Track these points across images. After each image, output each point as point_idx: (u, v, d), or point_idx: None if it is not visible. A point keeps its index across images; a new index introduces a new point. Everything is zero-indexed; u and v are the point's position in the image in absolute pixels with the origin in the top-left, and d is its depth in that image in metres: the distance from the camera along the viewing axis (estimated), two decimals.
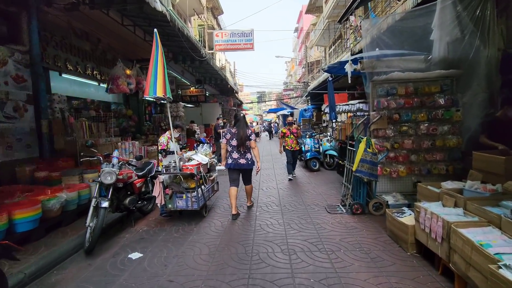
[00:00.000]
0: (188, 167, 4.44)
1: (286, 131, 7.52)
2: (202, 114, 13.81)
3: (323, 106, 10.07)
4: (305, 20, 35.99)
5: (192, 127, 10.29)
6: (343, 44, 17.79)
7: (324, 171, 8.44)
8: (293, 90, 38.67)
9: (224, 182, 7.32)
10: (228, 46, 16.13)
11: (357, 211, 4.60)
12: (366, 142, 4.46)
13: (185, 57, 9.69)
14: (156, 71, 3.93)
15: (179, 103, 9.60)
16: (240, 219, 4.65)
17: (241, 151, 4.70)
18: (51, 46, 5.94)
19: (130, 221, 4.57)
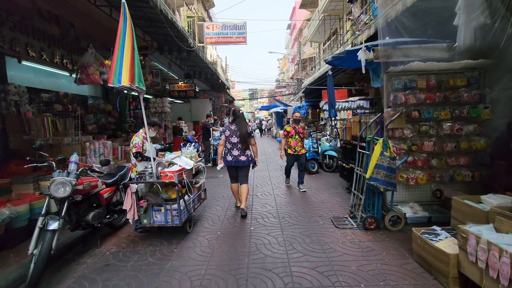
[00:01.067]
0: (167, 173, 3.57)
1: (291, 130, 5.95)
2: (191, 111, 12.87)
3: (321, 102, 9.31)
4: (298, 16, 35.23)
5: (179, 124, 9.36)
6: (339, 39, 17.09)
7: (324, 174, 7.68)
8: (286, 88, 37.94)
9: (213, 186, 6.49)
10: (219, 39, 15.15)
11: (371, 226, 3.84)
12: (383, 145, 3.69)
13: (171, 48, 8.75)
14: (122, 54, 3.04)
15: (165, 98, 8.68)
16: (231, 235, 3.83)
17: (242, 148, 4.53)
18: (6, 27, 4.94)
19: (96, 240, 3.68)
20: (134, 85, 3.12)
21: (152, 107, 8.58)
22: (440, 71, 4.11)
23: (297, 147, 5.95)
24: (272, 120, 22.96)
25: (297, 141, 5.95)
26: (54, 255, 3.11)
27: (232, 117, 4.87)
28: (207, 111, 12.83)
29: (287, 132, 6.05)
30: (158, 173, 3.60)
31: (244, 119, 4.82)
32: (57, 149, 4.66)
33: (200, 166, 4.54)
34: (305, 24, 30.82)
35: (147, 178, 3.63)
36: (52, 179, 2.96)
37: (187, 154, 4.42)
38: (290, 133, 6.00)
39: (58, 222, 2.84)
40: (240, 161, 4.54)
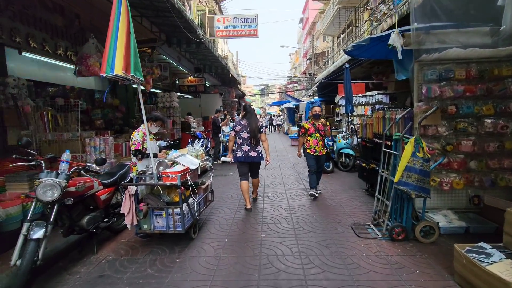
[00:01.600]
0: (169, 174, 3.19)
1: (310, 127, 5.09)
2: (201, 106, 12.52)
3: (337, 97, 8.75)
4: (311, 9, 34.28)
5: (188, 120, 9.01)
6: (354, 32, 16.31)
7: (339, 173, 7.17)
8: (297, 83, 37.17)
9: (222, 186, 6.10)
10: (230, 33, 14.66)
11: (399, 236, 3.34)
12: (415, 144, 3.17)
13: (180, 40, 8.38)
14: (116, 39, 2.64)
15: (173, 93, 8.32)
16: (240, 243, 3.42)
17: (252, 143, 4.50)
18: (5, 16, 4.66)
19: (92, 245, 3.35)
20: (129, 74, 2.73)
21: (160, 102, 8.26)
22: (482, 59, 3.54)
23: (318, 147, 5.06)
24: (284, 116, 22.40)
25: (318, 140, 5.07)
26: (45, 264, 2.80)
27: (243, 112, 4.83)
28: (217, 106, 12.46)
29: (305, 130, 5.16)
30: (159, 173, 3.22)
31: (255, 115, 4.80)
32: (56, 146, 4.37)
33: (207, 165, 4.15)
34: (318, 17, 29.90)
35: (147, 179, 3.25)
36: (39, 180, 2.62)
37: (193, 152, 4.02)
38: (309, 130, 5.09)
39: (45, 230, 2.50)
40: (250, 156, 4.50)
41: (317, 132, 5.08)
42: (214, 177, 7.07)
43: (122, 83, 2.95)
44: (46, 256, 3.05)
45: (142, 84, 7.21)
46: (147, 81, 6.99)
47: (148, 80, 6.99)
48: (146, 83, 6.99)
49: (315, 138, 5.09)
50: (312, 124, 5.15)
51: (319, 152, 5.09)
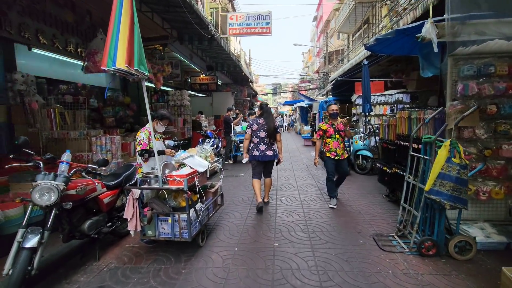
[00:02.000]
0: (175, 178, 2.93)
1: (328, 128, 4.60)
2: (213, 104, 12.32)
3: (353, 96, 8.32)
4: (325, 7, 33.59)
5: (199, 118, 8.80)
6: (370, 29, 15.71)
7: (357, 177, 6.76)
8: (310, 82, 36.56)
9: (233, 187, 5.81)
10: (243, 30, 14.39)
11: (429, 251, 2.97)
12: (451, 148, 2.79)
13: (191, 36, 8.17)
14: (118, 30, 2.40)
15: (184, 91, 8.13)
16: (251, 253, 3.14)
17: (269, 142, 4.49)
18: (14, 11, 4.54)
19: (95, 251, 3.15)
20: (133, 68, 2.48)
21: (171, 100, 8.08)
22: None
23: (339, 150, 4.56)
24: (296, 115, 21.98)
25: (338, 141, 4.57)
26: (45, 270, 2.61)
27: (259, 110, 4.77)
28: (229, 105, 12.23)
29: (323, 132, 4.65)
30: (164, 176, 2.97)
31: (272, 114, 4.75)
32: (62, 144, 4.21)
33: (216, 167, 3.88)
34: (332, 15, 29.21)
35: (152, 182, 3.01)
36: (35, 183, 2.42)
37: (202, 153, 3.76)
38: (328, 132, 4.59)
39: (39, 237, 2.30)
40: (267, 155, 4.49)
41: (337, 133, 4.58)
42: (225, 178, 6.82)
43: (127, 78, 2.71)
44: (47, 262, 2.88)
45: (153, 81, 7.07)
46: (158, 78, 6.81)
47: (158, 77, 6.81)
48: (157, 81, 6.81)
49: (335, 140, 4.58)
50: (331, 124, 4.65)
51: (340, 156, 4.58)
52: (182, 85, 11.87)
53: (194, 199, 3.20)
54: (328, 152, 4.64)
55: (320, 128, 4.75)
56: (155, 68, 6.65)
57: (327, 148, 4.65)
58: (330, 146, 4.61)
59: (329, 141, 4.62)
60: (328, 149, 4.62)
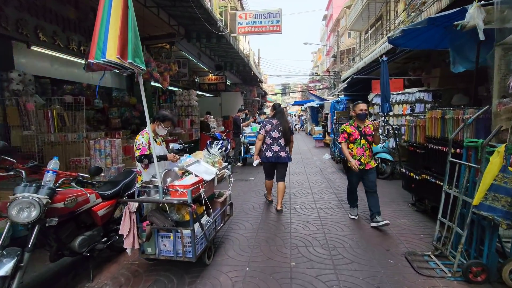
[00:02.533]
0: (177, 188, 2.53)
1: (353, 131, 3.83)
2: (222, 105, 11.96)
3: (370, 95, 7.79)
4: (335, 5, 32.89)
5: (207, 119, 8.43)
6: (384, 26, 15.06)
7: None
8: (320, 82, 35.88)
9: (243, 193, 5.36)
10: (252, 29, 13.97)
11: (477, 277, 2.47)
12: (506, 155, 2.29)
13: (199, 34, 7.81)
14: (108, 17, 2.01)
15: (192, 91, 7.77)
16: (265, 275, 2.70)
17: (282, 143, 4.35)
18: (11, 6, 4.26)
19: (88, 269, 2.77)
20: (126, 61, 2.09)
21: (178, 100, 7.74)
22: None
23: (364, 158, 3.78)
24: (307, 115, 21.42)
25: (364, 148, 3.79)
26: None
27: (272, 111, 4.64)
28: (238, 105, 11.85)
29: (347, 135, 3.87)
30: (165, 187, 2.58)
31: (285, 114, 4.63)
32: (59, 148, 3.88)
33: (225, 174, 3.47)
34: (343, 13, 28.51)
35: (152, 193, 2.62)
36: (13, 196, 2.05)
37: (209, 159, 3.36)
38: (352, 135, 3.82)
39: (15, 261, 1.93)
40: (280, 157, 4.34)
41: (363, 138, 3.77)
42: (234, 182, 6.42)
43: (121, 73, 2.32)
44: (33, 284, 2.53)
45: (159, 80, 6.74)
46: (164, 77, 6.47)
47: (165, 76, 6.47)
48: (163, 80, 6.48)
49: (360, 145, 3.79)
50: (356, 127, 3.83)
51: (365, 165, 3.78)
52: (191, 85, 11.56)
53: (200, 211, 2.80)
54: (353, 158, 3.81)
55: (344, 130, 3.90)
56: (162, 67, 6.32)
57: (352, 155, 3.83)
58: (353, 152, 3.82)
59: (352, 147, 3.83)
60: (351, 155, 3.83)
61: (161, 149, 3.18)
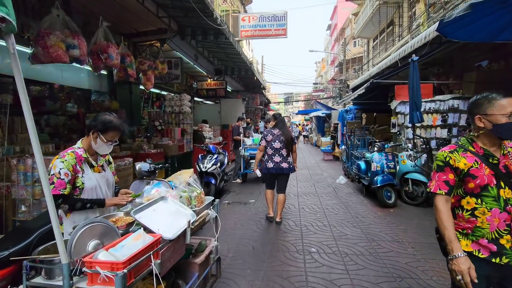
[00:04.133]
0: (97, 267, 1.26)
1: (475, 168, 1.42)
2: (221, 113, 10.78)
3: (393, 103, 6.55)
4: (339, 15, 32.18)
5: (202, 128, 7.21)
6: (397, 31, 13.97)
7: (406, 209, 4.92)
8: (324, 91, 34.87)
9: (240, 225, 3.76)
10: (256, 33, 12.94)
11: None
12: None
13: (194, 30, 6.68)
14: None
15: (184, 95, 6.58)
16: None
17: (284, 154, 4.14)
18: None
19: None
20: None
21: (168, 106, 6.55)
22: None
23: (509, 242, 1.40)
24: (312, 125, 20.19)
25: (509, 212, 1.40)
26: None
27: (273, 121, 4.40)
28: (239, 113, 10.65)
29: (456, 176, 1.48)
30: (77, 263, 1.31)
31: (286, 124, 4.48)
32: None
33: (208, 217, 2.19)
34: (347, 23, 27.66)
35: (55, 273, 1.35)
36: None
37: (184, 192, 2.09)
38: (475, 178, 1.42)
39: None
40: (282, 168, 4.14)
41: (506, 185, 1.41)
42: (230, 206, 5.14)
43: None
44: None
45: (141, 81, 5.55)
46: (148, 77, 5.29)
47: (149, 76, 5.29)
48: (146, 81, 5.29)
49: (499, 205, 1.41)
50: (483, 156, 1.45)
51: None
52: (188, 91, 10.42)
53: None
54: (472, 238, 1.45)
55: (447, 163, 1.48)
56: (145, 64, 5.14)
57: (470, 225, 1.46)
58: (481, 223, 1.44)
59: (479, 209, 1.44)
60: (472, 231, 1.45)
61: (100, 181, 1.92)
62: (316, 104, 17.81)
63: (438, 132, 6.26)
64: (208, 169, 5.07)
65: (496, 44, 6.39)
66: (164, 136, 6.12)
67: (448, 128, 6.24)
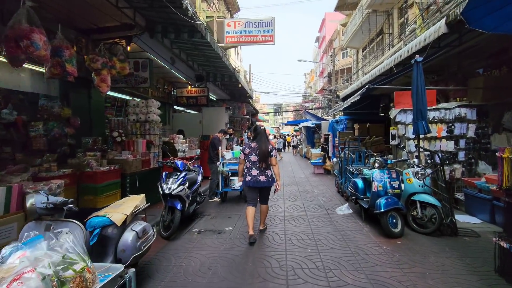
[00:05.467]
0: None
1: None
2: (203, 122, 9.78)
3: (392, 111, 5.71)
4: (328, 28, 32.21)
5: (174, 140, 6.16)
6: (387, 40, 13.51)
7: (415, 238, 3.97)
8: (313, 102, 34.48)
9: (205, 270, 2.98)
10: (242, 39, 12.19)
11: None
12: None
13: (165, 27, 5.75)
14: None
15: (151, 100, 5.55)
16: None
17: (261, 167, 4.00)
18: None
19: None
20: None
21: (131, 113, 5.50)
22: None
23: None
24: (302, 136, 19.39)
25: None
26: None
27: (253, 133, 4.32)
28: (222, 122, 9.69)
29: None
30: None
31: (266, 136, 4.18)
32: None
33: None
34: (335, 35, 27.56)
35: None
36: None
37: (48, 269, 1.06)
38: None
39: None
40: (259, 181, 3.97)
41: None
42: (200, 236, 4.08)
43: None
44: None
45: (94, 82, 4.51)
46: (102, 78, 4.26)
47: (103, 77, 4.27)
48: (101, 82, 4.27)
49: None
50: None
51: None
52: (165, 98, 9.42)
53: None
54: None
55: None
56: (98, 62, 4.13)
57: None
58: None
59: None
60: None
61: None
62: (306, 114, 17.05)
63: (444, 144, 5.45)
64: (172, 191, 4.02)
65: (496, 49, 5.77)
66: (126, 149, 5.06)
67: (455, 140, 5.44)
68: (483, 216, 4.67)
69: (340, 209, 5.29)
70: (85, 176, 4.01)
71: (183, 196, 4.21)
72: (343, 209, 5.26)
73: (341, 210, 5.24)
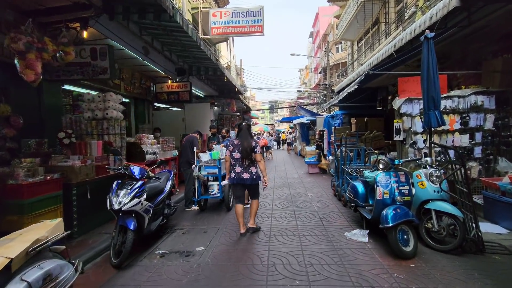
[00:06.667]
0: None
1: None
2: (185, 120, 8.86)
3: (396, 102, 4.81)
4: (321, 22, 31.33)
5: (141, 140, 5.23)
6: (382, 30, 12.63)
7: (432, 259, 3.10)
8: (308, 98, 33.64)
9: None
10: (229, 29, 11.25)
11: None
12: None
13: (128, 7, 4.81)
14: None
15: (110, 94, 4.61)
16: None
17: (244, 164, 3.96)
18: None
19: None
20: None
21: (86, 109, 4.56)
22: None
23: None
24: (296, 133, 18.50)
25: None
26: None
27: (235, 130, 4.41)
28: (207, 120, 8.78)
29: None
30: None
31: (249, 133, 4.11)
32: None
33: None
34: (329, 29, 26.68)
35: None
36: None
37: None
38: None
39: None
40: (243, 178, 3.93)
41: None
42: (162, 261, 3.17)
43: None
44: None
45: (19, 69, 3.50)
46: (29, 63, 3.32)
47: (30, 62, 3.32)
48: (25, 68, 3.32)
49: None
50: None
51: None
52: (143, 94, 8.47)
53: None
54: None
55: None
56: (19, 42, 3.19)
57: None
58: None
59: None
60: None
61: None
62: (299, 109, 16.17)
63: (457, 138, 4.59)
64: (123, 206, 3.12)
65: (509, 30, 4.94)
66: (78, 153, 4.13)
67: (470, 134, 4.60)
68: (508, 224, 3.84)
69: (353, 234, 3.79)
70: (8, 190, 3.08)
71: (140, 211, 3.30)
72: (357, 234, 3.75)
73: (354, 235, 3.76)
